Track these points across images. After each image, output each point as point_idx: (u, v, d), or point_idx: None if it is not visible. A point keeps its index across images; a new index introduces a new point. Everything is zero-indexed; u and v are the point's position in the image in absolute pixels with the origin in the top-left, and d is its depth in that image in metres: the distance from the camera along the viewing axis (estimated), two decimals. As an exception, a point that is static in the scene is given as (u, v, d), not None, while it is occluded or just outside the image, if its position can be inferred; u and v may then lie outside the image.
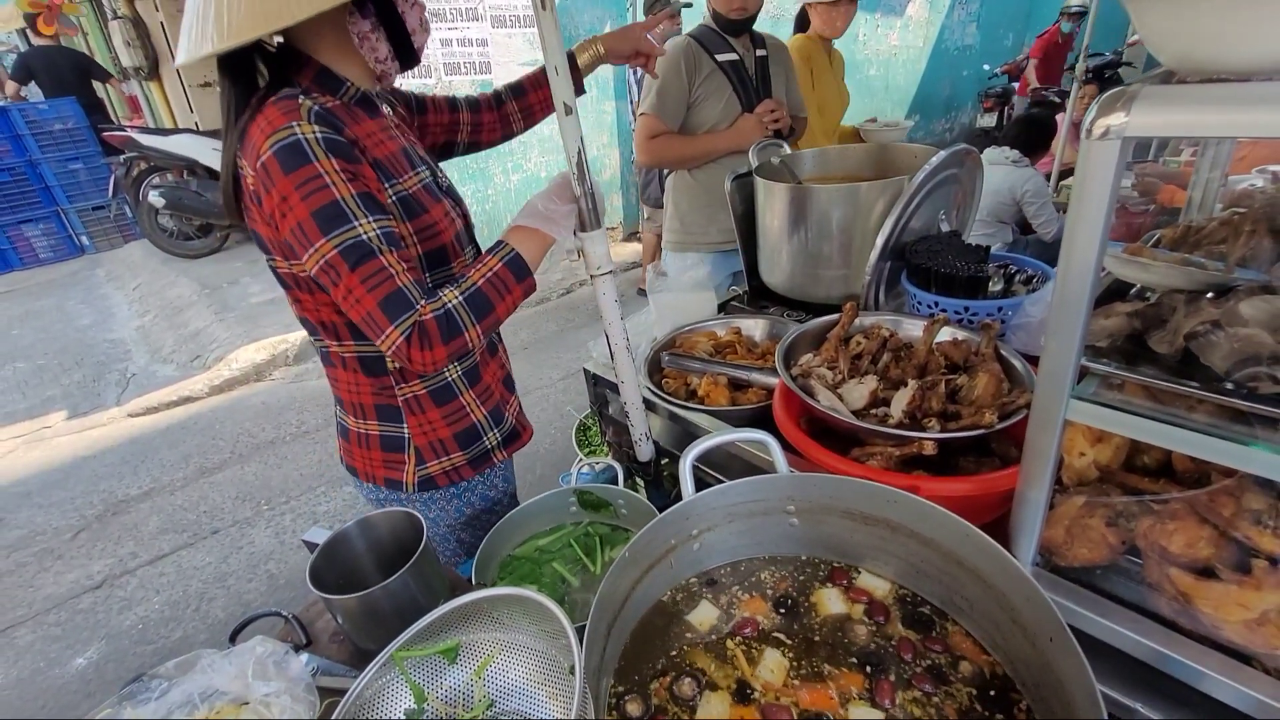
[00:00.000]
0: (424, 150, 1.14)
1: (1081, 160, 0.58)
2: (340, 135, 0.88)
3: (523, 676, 0.73)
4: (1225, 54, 0.51)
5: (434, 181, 1.07)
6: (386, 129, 1.02)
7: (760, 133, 2.01)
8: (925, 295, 1.24)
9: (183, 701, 0.71)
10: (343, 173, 0.86)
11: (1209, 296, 0.74)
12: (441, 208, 1.05)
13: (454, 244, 1.07)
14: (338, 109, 0.94)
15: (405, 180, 0.99)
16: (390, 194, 0.96)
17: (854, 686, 0.70)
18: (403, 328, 0.88)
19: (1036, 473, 0.73)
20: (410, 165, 1.02)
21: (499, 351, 1.29)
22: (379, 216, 0.89)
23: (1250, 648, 0.65)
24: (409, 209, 0.98)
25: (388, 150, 0.98)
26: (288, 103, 0.86)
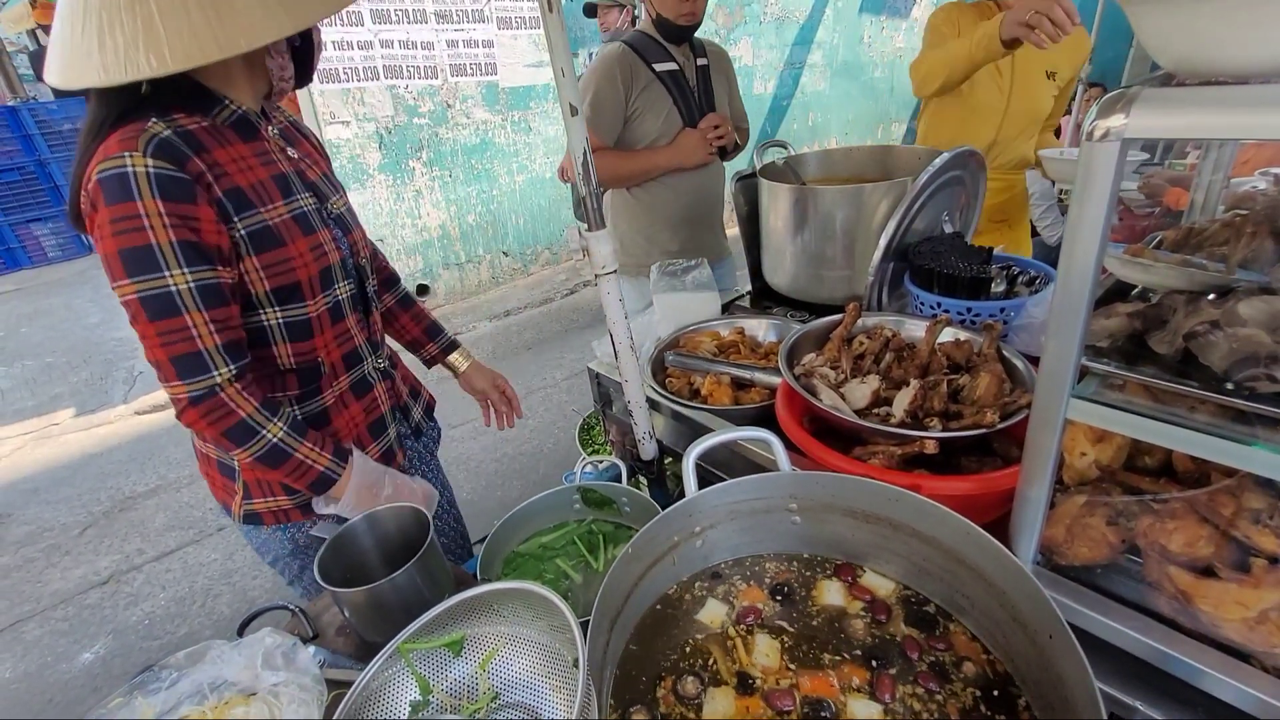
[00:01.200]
0: (319, 176, 1.11)
1: (1082, 162, 0.58)
2: (182, 169, 0.85)
3: (527, 670, 0.73)
4: (1224, 57, 0.52)
5: (318, 209, 1.05)
6: (263, 153, 0.99)
7: (704, 151, 1.91)
8: (928, 296, 1.24)
9: (192, 691, 0.72)
10: (167, 215, 0.83)
11: (1209, 297, 0.74)
12: (312, 240, 1.02)
13: (312, 281, 1.02)
14: (202, 131, 0.91)
15: (267, 210, 0.96)
16: (239, 228, 0.92)
17: (856, 678, 0.71)
18: (193, 389, 0.88)
19: (1037, 472, 0.74)
20: (283, 193, 0.99)
21: (372, 394, 1.19)
22: (198, 268, 0.86)
23: (1249, 646, 0.65)
24: (261, 242, 0.95)
25: (254, 177, 0.96)
26: (132, 127, 0.85)
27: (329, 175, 1.16)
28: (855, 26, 7.34)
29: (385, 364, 1.25)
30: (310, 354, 1.08)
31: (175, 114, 0.89)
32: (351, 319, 1.13)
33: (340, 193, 1.16)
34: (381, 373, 1.23)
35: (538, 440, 3.33)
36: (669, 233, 2.03)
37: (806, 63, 7.02)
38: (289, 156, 1.05)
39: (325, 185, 1.11)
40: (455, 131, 4.89)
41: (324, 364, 1.10)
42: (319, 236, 1.03)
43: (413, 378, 1.41)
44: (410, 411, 1.34)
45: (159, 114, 0.88)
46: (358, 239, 1.15)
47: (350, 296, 1.12)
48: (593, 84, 1.82)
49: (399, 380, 1.31)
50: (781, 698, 0.69)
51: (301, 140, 1.13)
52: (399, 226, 4.80)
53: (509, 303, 4.97)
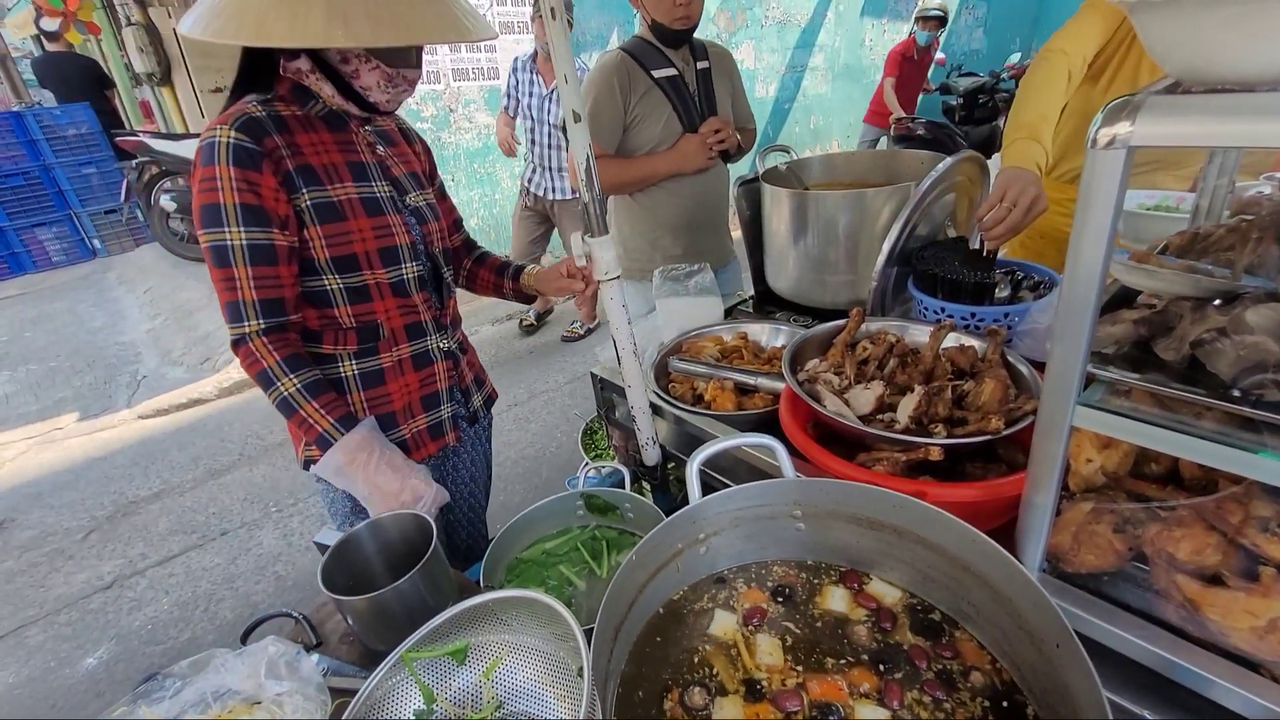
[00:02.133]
0: (405, 173, 1.24)
1: (1087, 169, 0.58)
2: (258, 143, 1.00)
3: (531, 678, 0.73)
4: (1229, 65, 0.52)
5: (393, 198, 1.19)
6: (346, 143, 1.14)
7: (704, 156, 1.89)
8: (932, 301, 1.24)
9: (196, 700, 0.72)
10: (236, 181, 0.99)
11: (1216, 304, 0.74)
12: (378, 220, 1.15)
13: (369, 255, 1.14)
14: (293, 118, 1.07)
15: (334, 188, 1.10)
16: (305, 199, 1.06)
17: (865, 683, 0.71)
18: (234, 332, 1.05)
19: (1043, 479, 0.73)
20: (354, 177, 1.13)
21: (431, 369, 1.30)
22: (253, 228, 1.01)
23: (1258, 655, 0.65)
24: (324, 214, 1.08)
25: (329, 159, 1.10)
26: (236, 107, 1.03)
27: (420, 174, 1.29)
28: (857, 29, 7.35)
29: (453, 345, 1.35)
30: (369, 316, 1.19)
31: (277, 101, 1.07)
32: (418, 296, 1.24)
33: (425, 188, 1.29)
34: (445, 352, 1.32)
35: (540, 444, 3.32)
36: (671, 237, 2.03)
37: (808, 66, 7.03)
38: (375, 152, 1.19)
39: (409, 181, 1.25)
40: (457, 136, 4.91)
41: (383, 328, 1.21)
42: (387, 220, 1.16)
43: (480, 368, 1.51)
44: (471, 397, 1.42)
45: (264, 98, 1.06)
46: (434, 230, 1.27)
47: (418, 276, 1.23)
48: (590, 92, 1.82)
49: (464, 365, 1.40)
50: (788, 698, 0.69)
51: (403, 143, 1.29)
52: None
53: (511, 306, 4.97)
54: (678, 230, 2.02)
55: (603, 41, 5.36)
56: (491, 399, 1.53)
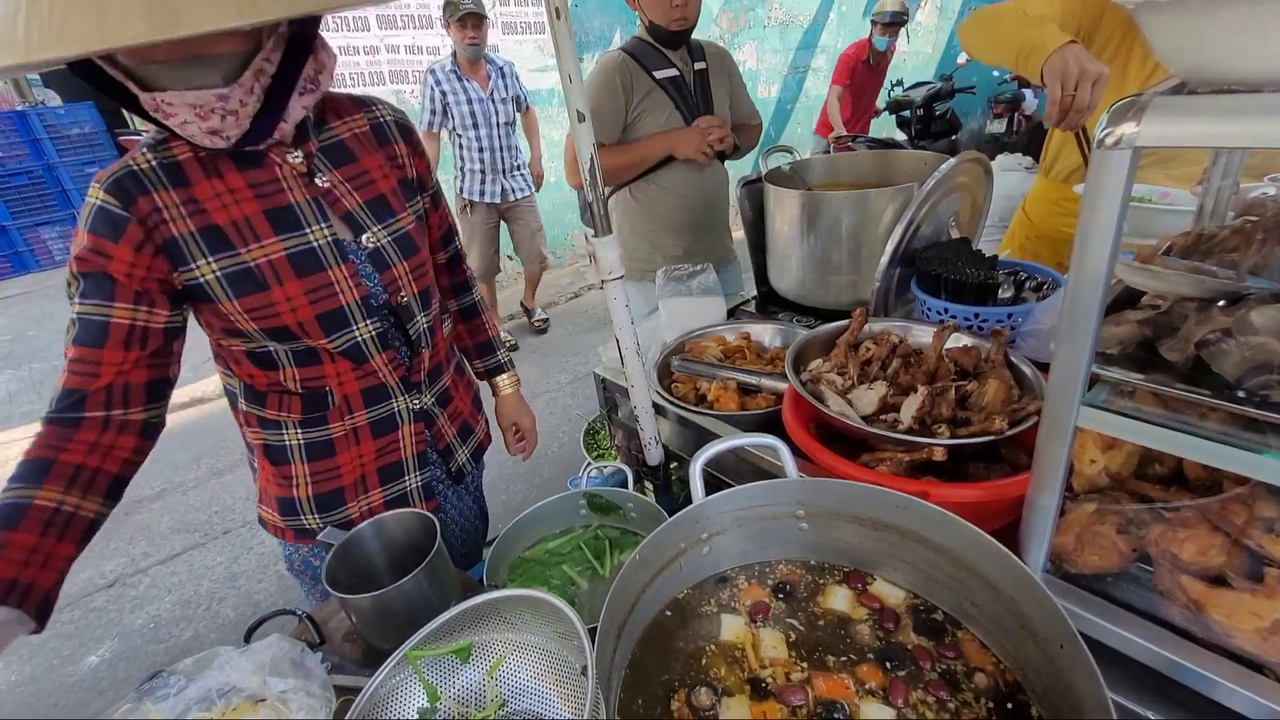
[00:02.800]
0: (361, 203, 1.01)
1: (1093, 169, 0.58)
2: (127, 208, 0.85)
3: (534, 677, 0.73)
4: (1235, 65, 0.52)
5: (335, 244, 0.97)
6: (265, 183, 0.93)
7: (699, 146, 1.86)
8: (935, 301, 1.24)
9: (200, 698, 0.72)
10: (86, 249, 0.86)
11: (1220, 305, 0.74)
12: (310, 281, 0.95)
13: (304, 326, 0.96)
14: (194, 161, 0.89)
15: (249, 251, 0.91)
16: (211, 268, 0.90)
17: (871, 680, 0.71)
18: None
19: (1047, 479, 0.73)
20: (278, 229, 0.93)
21: (395, 434, 1.13)
22: (89, 302, 0.87)
23: (1263, 657, 0.65)
24: (238, 284, 0.91)
25: (240, 213, 0.91)
26: (124, 157, 0.88)
27: (390, 193, 1.05)
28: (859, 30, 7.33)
29: (428, 403, 1.16)
30: (319, 381, 1.03)
31: (175, 143, 0.89)
32: (380, 357, 1.05)
33: (398, 212, 1.05)
34: (417, 413, 1.14)
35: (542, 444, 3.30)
36: (672, 237, 2.03)
37: (810, 66, 7.03)
38: (314, 183, 0.96)
39: (368, 213, 1.01)
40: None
41: (333, 396, 1.05)
42: (326, 277, 0.96)
43: (470, 412, 1.31)
44: (454, 455, 1.25)
45: (159, 138, 0.89)
46: (399, 274, 1.04)
47: (377, 335, 1.03)
48: (592, 91, 1.81)
49: (444, 420, 1.22)
50: (793, 693, 0.69)
51: (370, 153, 1.03)
52: (404, 230, 4.81)
53: (513, 306, 4.97)
54: (678, 230, 2.03)
55: (605, 42, 5.36)
56: (483, 447, 1.35)
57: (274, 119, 0.86)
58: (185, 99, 0.77)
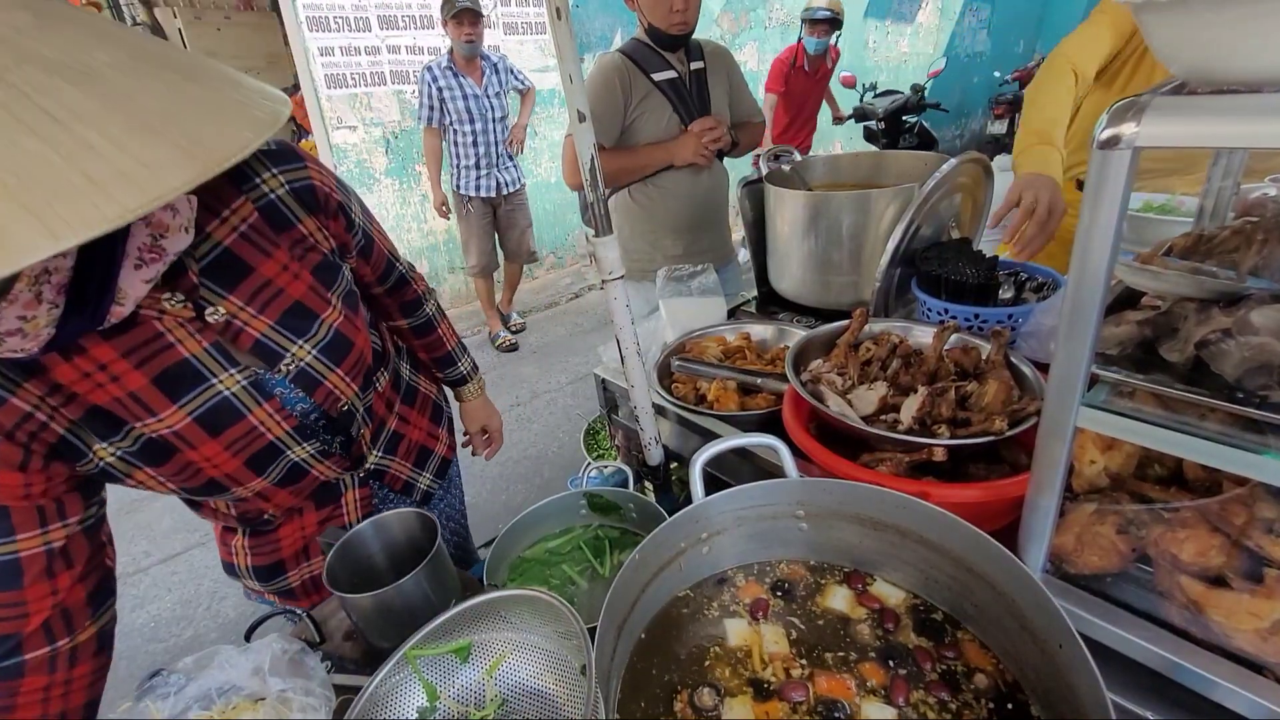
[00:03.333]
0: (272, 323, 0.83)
1: (1093, 169, 0.58)
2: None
3: (534, 676, 0.73)
4: (1235, 66, 0.52)
5: (252, 385, 0.83)
6: (144, 344, 0.75)
7: (696, 153, 1.87)
8: (935, 302, 1.24)
9: (200, 696, 0.72)
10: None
11: (1220, 305, 0.74)
12: (229, 435, 0.83)
13: (233, 475, 0.86)
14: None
15: (147, 424, 0.77)
16: (109, 451, 0.76)
17: (872, 679, 0.72)
18: None
19: (1047, 480, 0.73)
20: (175, 394, 0.77)
21: (338, 502, 1.08)
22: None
23: (1262, 657, 0.65)
24: (148, 456, 0.79)
25: (123, 389, 0.74)
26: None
27: (302, 303, 0.86)
28: (860, 31, 7.35)
29: (375, 460, 1.10)
30: (255, 511, 1.00)
31: None
32: (321, 466, 0.98)
33: (311, 330, 0.87)
34: (364, 478, 1.08)
35: (542, 444, 3.33)
36: (672, 237, 2.04)
37: (811, 67, 7.02)
38: (205, 326, 0.78)
39: (280, 336, 0.84)
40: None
41: (275, 516, 1.03)
42: (247, 422, 0.84)
43: (427, 431, 1.23)
44: (415, 485, 1.20)
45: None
46: (334, 385, 0.91)
47: (317, 453, 0.95)
48: (590, 93, 1.80)
49: (398, 464, 1.15)
50: (794, 689, 0.70)
51: (270, 256, 0.82)
52: (405, 230, 4.82)
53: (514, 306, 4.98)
54: (678, 230, 2.03)
55: (605, 42, 5.36)
56: (447, 462, 1.29)
57: (98, 309, 0.65)
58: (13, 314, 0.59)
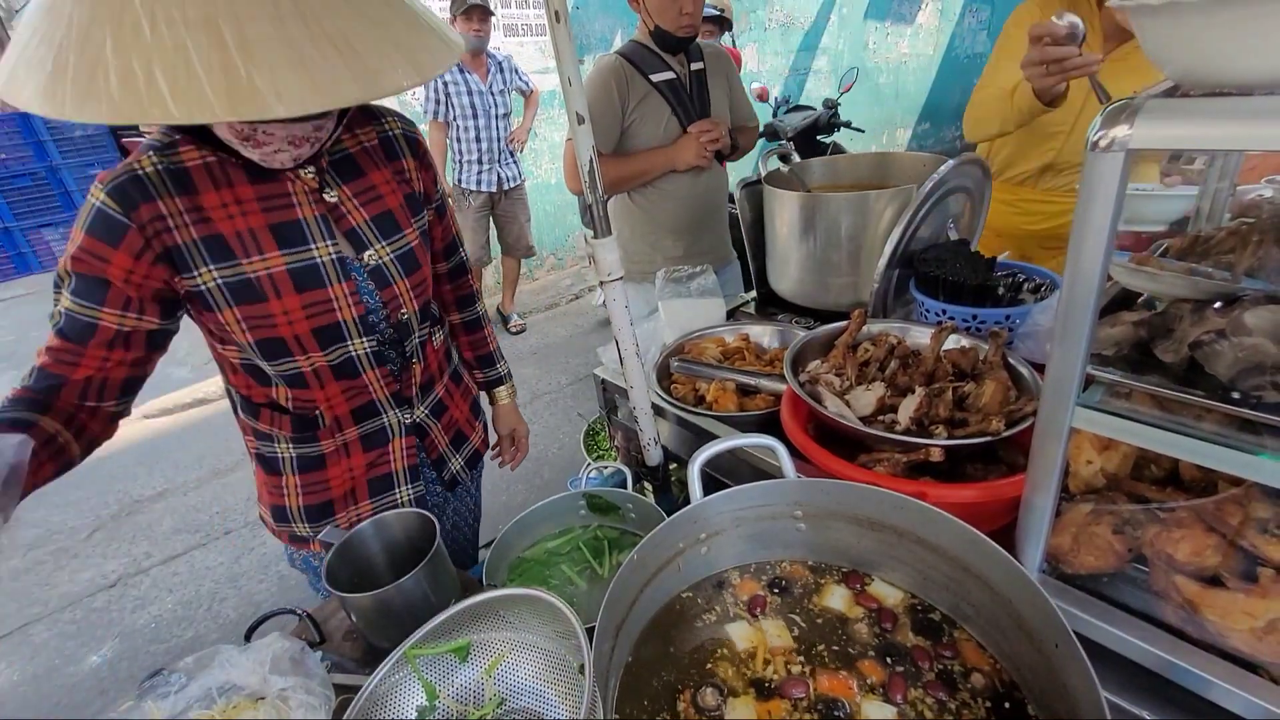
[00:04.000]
0: (367, 219, 1.01)
1: (1086, 171, 0.59)
2: (128, 214, 0.84)
3: (532, 675, 0.74)
4: (1228, 69, 0.52)
5: (339, 260, 0.97)
6: (273, 197, 0.93)
7: (697, 155, 1.87)
8: (933, 303, 1.24)
9: (201, 696, 0.73)
10: (80, 250, 0.85)
11: (1216, 306, 0.74)
12: (310, 296, 0.95)
13: (300, 339, 0.96)
14: (202, 168, 0.89)
15: (251, 262, 0.91)
16: (212, 276, 0.90)
17: (871, 676, 0.72)
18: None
19: (1043, 480, 0.74)
20: (282, 244, 0.93)
21: (386, 448, 1.14)
22: (79, 301, 0.87)
23: (1257, 657, 0.65)
24: (238, 294, 0.91)
25: (245, 225, 0.91)
26: (128, 159, 0.87)
27: (398, 210, 1.05)
28: (860, 32, 7.36)
29: (423, 415, 1.18)
30: (309, 405, 1.05)
31: (185, 146, 0.89)
32: (372, 374, 1.06)
33: (396, 235, 1.05)
34: (410, 426, 1.16)
35: (542, 445, 3.33)
36: (672, 239, 2.04)
37: (811, 68, 7.04)
38: (321, 199, 0.97)
39: (372, 229, 1.02)
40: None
41: (323, 417, 1.07)
42: (326, 294, 0.97)
43: (466, 419, 1.32)
44: (447, 464, 1.27)
45: (167, 142, 0.89)
46: (400, 291, 1.05)
47: (371, 353, 1.04)
48: (587, 96, 1.80)
49: (438, 432, 1.23)
50: (794, 685, 0.70)
51: (378, 168, 1.04)
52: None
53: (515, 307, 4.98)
54: (678, 232, 2.03)
55: (606, 44, 5.37)
56: (479, 455, 1.37)
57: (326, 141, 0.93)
58: (290, 130, 0.83)
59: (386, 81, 0.69)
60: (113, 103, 0.60)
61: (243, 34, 0.62)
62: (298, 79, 0.63)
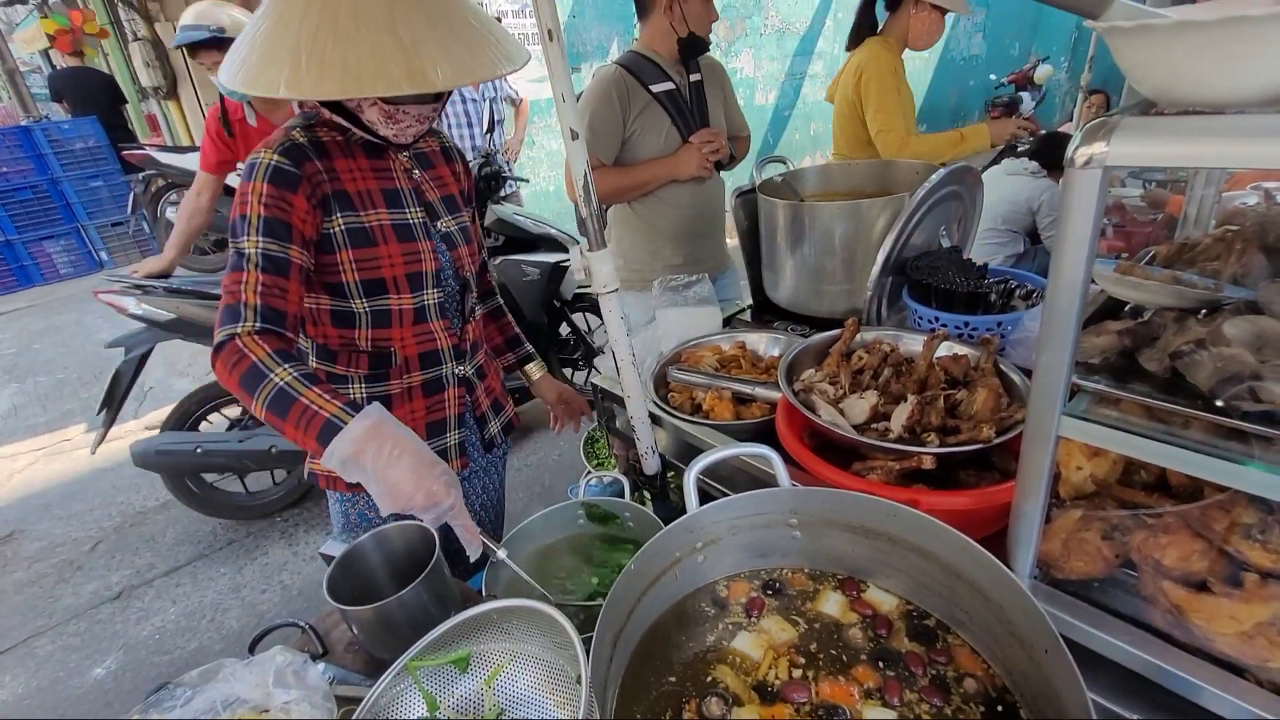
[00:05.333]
0: (439, 197, 1.26)
1: (1066, 187, 0.60)
2: (298, 167, 1.04)
3: (531, 685, 0.75)
4: (1198, 88, 0.54)
5: (424, 224, 1.21)
6: (382, 170, 1.17)
7: (700, 165, 1.91)
8: (926, 310, 1.26)
9: (205, 709, 0.74)
10: (266, 197, 1.01)
11: (1200, 315, 0.75)
12: (407, 246, 1.17)
13: (397, 280, 1.17)
14: (334, 143, 1.12)
15: (367, 215, 1.13)
16: (339, 223, 1.10)
17: (868, 681, 0.73)
18: (220, 334, 0.98)
19: (1032, 487, 0.75)
20: (388, 204, 1.16)
21: (442, 395, 1.30)
22: (271, 240, 1.02)
23: (1242, 660, 0.66)
24: (356, 239, 1.12)
25: (363, 186, 1.13)
26: (282, 132, 1.08)
27: (456, 197, 1.30)
28: (856, 37, 7.38)
29: (470, 372, 1.35)
30: (385, 343, 1.21)
31: (320, 128, 1.12)
32: (438, 323, 1.25)
33: (457, 213, 1.29)
34: (460, 379, 1.32)
35: (542, 452, 3.34)
36: (671, 247, 2.06)
37: (807, 73, 7.07)
38: (411, 177, 1.21)
39: (443, 205, 1.26)
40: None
41: (396, 355, 1.22)
42: (417, 246, 1.18)
43: (500, 393, 1.50)
44: (487, 424, 1.42)
45: (308, 123, 1.11)
46: (463, 255, 1.28)
47: (439, 303, 1.24)
48: (589, 105, 1.84)
49: (481, 391, 1.40)
50: (796, 689, 0.71)
51: (443, 164, 1.31)
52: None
53: (514, 315, 5.00)
54: (677, 240, 2.05)
55: (602, 52, 5.40)
56: (510, 425, 1.52)
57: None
58: (421, 110, 1.10)
59: (497, 66, 1.00)
60: (338, 83, 0.90)
61: (413, 36, 0.93)
62: (447, 65, 0.94)
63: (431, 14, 0.95)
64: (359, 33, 0.90)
